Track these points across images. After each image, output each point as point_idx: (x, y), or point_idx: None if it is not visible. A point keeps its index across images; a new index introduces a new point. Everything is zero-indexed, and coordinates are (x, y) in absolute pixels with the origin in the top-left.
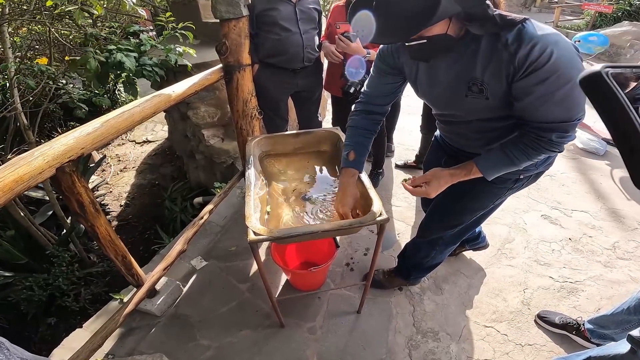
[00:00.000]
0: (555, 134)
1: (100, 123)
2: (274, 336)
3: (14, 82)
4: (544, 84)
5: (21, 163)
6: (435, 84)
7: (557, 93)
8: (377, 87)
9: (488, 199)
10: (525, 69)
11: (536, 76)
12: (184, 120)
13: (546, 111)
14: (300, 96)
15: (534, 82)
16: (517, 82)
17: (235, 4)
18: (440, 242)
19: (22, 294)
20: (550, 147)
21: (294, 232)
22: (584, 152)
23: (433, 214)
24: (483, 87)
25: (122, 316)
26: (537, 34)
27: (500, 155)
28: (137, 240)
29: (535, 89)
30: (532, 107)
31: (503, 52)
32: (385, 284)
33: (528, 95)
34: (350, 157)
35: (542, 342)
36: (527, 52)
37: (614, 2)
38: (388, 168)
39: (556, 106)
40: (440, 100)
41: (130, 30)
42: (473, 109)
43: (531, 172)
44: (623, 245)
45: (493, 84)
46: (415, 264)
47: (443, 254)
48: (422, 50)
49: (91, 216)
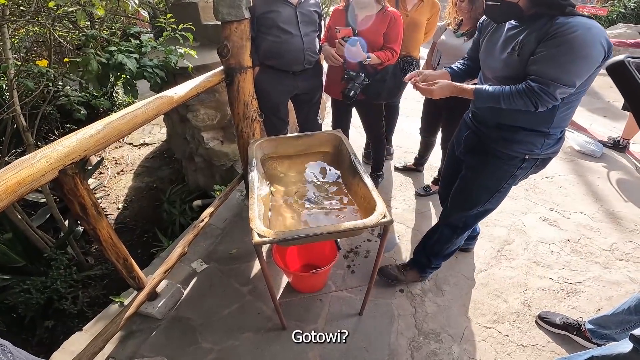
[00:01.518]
0: (538, 86)
1: (103, 125)
2: (276, 338)
3: (14, 83)
4: (555, 49)
5: (24, 165)
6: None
7: (560, 59)
8: (473, 52)
9: (499, 177)
10: (552, 34)
11: (554, 41)
12: (183, 123)
13: (543, 67)
14: (300, 99)
15: (550, 45)
16: (540, 45)
17: (237, 6)
18: (461, 225)
19: (19, 297)
20: (531, 96)
21: (298, 234)
22: (581, 155)
23: (454, 198)
24: (520, 46)
25: (124, 319)
26: (581, 21)
27: (495, 90)
28: (135, 244)
29: (547, 50)
30: (534, 61)
31: (551, 27)
32: (400, 277)
33: (539, 53)
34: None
35: (544, 343)
36: (562, 25)
37: (608, 4)
38: (387, 171)
39: (552, 67)
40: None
41: (131, 32)
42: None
43: (536, 154)
44: (621, 247)
45: (528, 46)
46: (436, 252)
47: (461, 239)
48: (493, 11)
49: (93, 219)
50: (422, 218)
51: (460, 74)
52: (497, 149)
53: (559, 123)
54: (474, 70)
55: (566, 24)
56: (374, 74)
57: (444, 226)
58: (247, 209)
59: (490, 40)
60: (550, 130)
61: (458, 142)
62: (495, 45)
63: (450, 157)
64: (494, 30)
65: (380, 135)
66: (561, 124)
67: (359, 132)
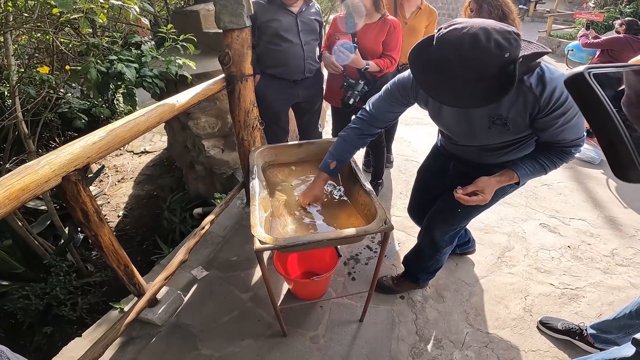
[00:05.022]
0: (574, 149)
1: (106, 132)
2: (277, 345)
3: (16, 90)
4: (564, 116)
5: (28, 171)
6: (460, 120)
7: (571, 122)
8: (383, 113)
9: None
10: (550, 107)
11: (559, 112)
12: (184, 131)
13: (566, 135)
14: (301, 107)
15: (557, 116)
16: (542, 118)
17: (239, 14)
18: (442, 243)
19: (18, 303)
20: (570, 157)
21: (299, 240)
22: (580, 162)
23: (438, 216)
24: (507, 122)
25: (123, 325)
26: (553, 77)
27: (535, 165)
28: (135, 251)
29: (558, 121)
30: (555, 133)
31: (528, 94)
32: (395, 289)
33: (552, 126)
34: (331, 165)
35: (546, 348)
36: (551, 93)
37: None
38: (387, 178)
39: (571, 130)
40: (463, 132)
41: (132, 41)
42: (493, 136)
43: None
44: (621, 252)
45: (516, 119)
46: (421, 269)
47: (445, 255)
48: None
49: (95, 225)
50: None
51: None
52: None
53: None
54: (366, 136)
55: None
56: (373, 82)
57: (425, 245)
58: (247, 217)
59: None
60: None
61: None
62: (461, 119)
63: (421, 181)
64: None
65: (380, 143)
66: None
67: None
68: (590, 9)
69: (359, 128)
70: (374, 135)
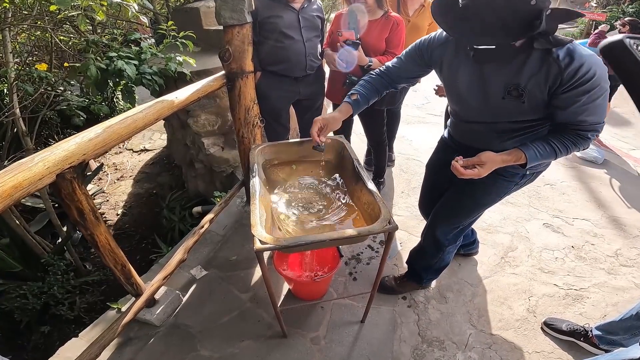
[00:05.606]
0: (591, 133)
1: (102, 129)
2: (277, 347)
3: (14, 87)
4: (587, 95)
5: (21, 168)
6: (474, 87)
7: (595, 102)
8: (399, 69)
9: (497, 193)
10: (573, 82)
11: (583, 89)
12: (184, 129)
13: (586, 116)
14: (302, 104)
15: (580, 94)
16: (564, 93)
17: (239, 10)
18: (445, 241)
19: (15, 302)
20: (585, 142)
21: (301, 240)
22: (583, 161)
23: (441, 213)
24: (523, 92)
25: (121, 326)
26: (584, 54)
27: (546, 147)
28: (134, 250)
29: (580, 99)
30: (575, 113)
31: (553, 65)
32: (397, 289)
33: (574, 104)
34: (352, 97)
35: (550, 350)
36: (577, 68)
37: (607, 10)
38: (389, 177)
39: (593, 113)
40: (475, 103)
41: (131, 38)
42: (505, 110)
43: (536, 169)
44: (625, 253)
45: (534, 91)
46: (425, 267)
47: (450, 255)
48: (486, 55)
49: (91, 224)
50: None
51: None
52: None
53: None
54: (386, 88)
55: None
56: None
57: (428, 244)
58: (247, 216)
59: (463, 77)
60: None
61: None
62: (474, 85)
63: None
64: (464, 63)
65: (382, 141)
66: None
67: (360, 139)
68: (592, 9)
69: (378, 73)
70: (393, 84)
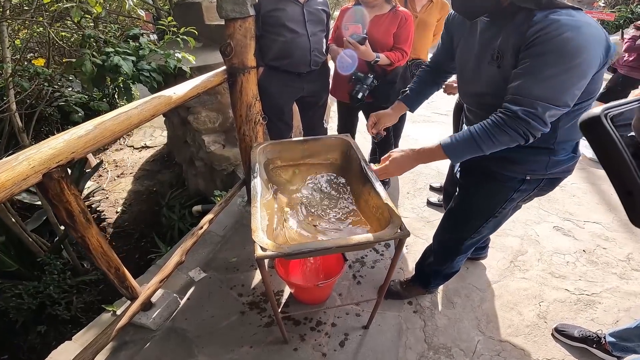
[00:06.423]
0: (522, 109)
1: (94, 125)
2: (278, 353)
3: (10, 83)
4: (538, 58)
5: (4, 167)
6: (468, 51)
7: (546, 71)
8: (436, 54)
9: (494, 199)
10: (532, 40)
11: (535, 49)
12: (184, 126)
13: (525, 84)
14: (306, 101)
15: (531, 55)
16: (521, 54)
17: (242, 2)
18: (454, 249)
19: (11, 302)
20: (515, 125)
21: (305, 247)
22: (594, 163)
23: (446, 220)
24: (499, 55)
25: (115, 330)
26: (563, 18)
27: (465, 135)
28: (133, 249)
29: (528, 61)
30: (516, 75)
31: (524, 25)
32: (403, 293)
33: (523, 64)
34: (403, 93)
35: (561, 357)
36: (541, 28)
37: (615, 10)
38: (394, 178)
39: (537, 83)
40: (469, 73)
41: (131, 34)
42: (490, 78)
43: (539, 175)
44: (637, 257)
45: (506, 55)
46: (434, 272)
47: (460, 263)
48: (467, 4)
49: (81, 226)
50: (431, 227)
51: (416, 92)
52: (492, 168)
53: (566, 136)
54: (439, 77)
55: (549, 24)
56: (383, 76)
57: (436, 248)
58: (248, 216)
59: (465, 47)
60: (557, 146)
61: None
62: (470, 53)
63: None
64: (469, 33)
65: (387, 140)
66: (570, 136)
67: (365, 138)
68: (600, 9)
69: (427, 67)
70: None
